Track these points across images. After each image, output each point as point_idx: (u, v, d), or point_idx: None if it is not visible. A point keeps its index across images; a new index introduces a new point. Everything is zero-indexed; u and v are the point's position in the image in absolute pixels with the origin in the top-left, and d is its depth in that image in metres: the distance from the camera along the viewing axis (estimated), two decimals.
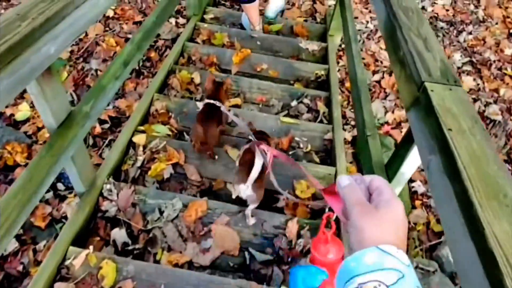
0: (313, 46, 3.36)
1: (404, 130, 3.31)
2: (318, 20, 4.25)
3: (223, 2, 4.33)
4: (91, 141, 3.03)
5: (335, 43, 3.51)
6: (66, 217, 2.18)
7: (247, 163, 1.72)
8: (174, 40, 3.84)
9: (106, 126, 3.14)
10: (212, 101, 2.07)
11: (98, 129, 3.05)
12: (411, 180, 2.86)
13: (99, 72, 3.64)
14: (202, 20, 3.68)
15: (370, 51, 4.06)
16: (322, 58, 3.32)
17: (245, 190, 1.69)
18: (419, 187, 2.87)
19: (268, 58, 3.06)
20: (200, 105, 2.16)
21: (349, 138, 3.21)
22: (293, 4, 4.38)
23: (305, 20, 4.22)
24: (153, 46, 3.84)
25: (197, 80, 2.74)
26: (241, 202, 1.82)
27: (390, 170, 1.45)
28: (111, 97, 1.79)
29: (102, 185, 1.85)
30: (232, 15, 3.73)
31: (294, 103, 2.67)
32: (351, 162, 3.00)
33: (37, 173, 1.28)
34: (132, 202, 1.81)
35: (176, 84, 2.68)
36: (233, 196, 1.79)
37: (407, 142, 1.34)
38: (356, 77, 2.06)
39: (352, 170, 3.00)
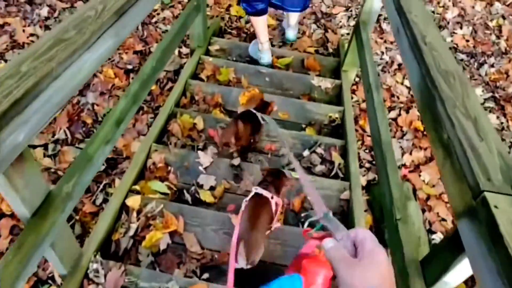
0: (326, 83, 3.14)
1: (424, 174, 3.08)
2: (330, 50, 4.05)
3: (229, 30, 4.12)
4: None
5: (349, 79, 3.30)
6: None
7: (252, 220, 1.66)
8: (177, 72, 3.65)
9: (102, 168, 2.92)
10: (255, 112, 2.28)
11: None
12: None
13: (95, 107, 3.43)
14: (207, 52, 3.47)
15: (386, 85, 3.84)
16: (336, 97, 3.10)
17: (243, 263, 1.58)
18: None
19: (278, 97, 2.84)
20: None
21: (363, 183, 2.97)
22: (303, 33, 4.18)
23: (316, 51, 4.02)
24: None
25: (200, 125, 2.53)
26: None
27: (428, 273, 1.21)
28: (100, 165, 1.56)
29: (88, 265, 1.61)
30: (239, 46, 3.53)
31: (306, 153, 2.45)
32: (365, 211, 2.76)
33: (4, 282, 1.05)
34: (122, 285, 1.58)
35: (177, 130, 2.47)
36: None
37: (453, 247, 1.10)
38: (380, 138, 1.83)
39: (368, 220, 2.76)
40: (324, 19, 4.34)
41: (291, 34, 3.95)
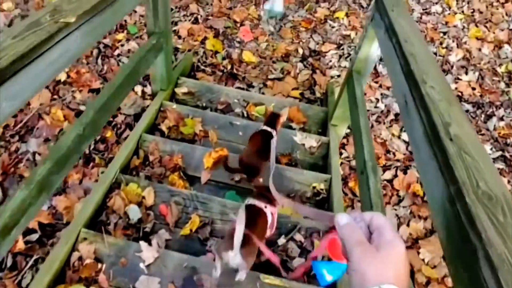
0: (311, 141, 2.68)
1: (424, 252, 2.65)
2: (318, 94, 3.62)
3: (203, 67, 3.66)
4: (9, 262, 2.31)
5: (338, 136, 2.85)
6: None
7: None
8: (137, 116, 3.16)
9: (34, 237, 2.41)
10: (269, 129, 2.26)
11: (21, 244, 2.33)
12: None
13: (37, 157, 2.92)
14: (173, 94, 3.00)
15: (380, 139, 3.40)
16: (322, 158, 2.64)
17: (233, 258, 1.54)
18: None
19: None
20: None
21: None
22: (288, 73, 3.75)
23: (302, 94, 3.59)
24: (110, 122, 3.14)
25: (150, 200, 2.03)
26: None
27: None
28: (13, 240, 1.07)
29: None
30: (210, 89, 3.07)
31: (281, 240, 1.96)
32: None
33: None
34: None
35: (119, 206, 1.96)
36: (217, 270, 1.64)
37: None
38: (371, 205, 1.35)
39: None
40: (312, 58, 3.92)
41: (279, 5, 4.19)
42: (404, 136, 3.47)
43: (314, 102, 3.59)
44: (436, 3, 4.47)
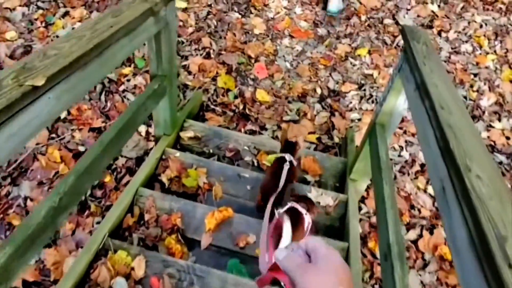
0: (327, 199, 2.43)
1: None
2: (336, 139, 3.37)
3: (213, 107, 3.46)
4: None
5: (358, 192, 2.59)
6: None
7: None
8: (139, 160, 2.96)
9: None
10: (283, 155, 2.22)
11: None
12: None
13: (29, 202, 2.73)
14: (178, 139, 2.79)
15: (404, 192, 3.13)
16: (339, 220, 2.38)
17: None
18: None
19: (259, 222, 2.11)
20: None
21: None
22: (305, 115, 3.51)
23: (319, 139, 3.35)
24: (109, 166, 2.94)
25: (140, 271, 1.79)
26: None
27: None
28: None
29: None
30: (219, 134, 2.85)
31: None
32: None
33: None
34: None
35: (104, 278, 1.73)
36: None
37: None
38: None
39: None
40: (331, 98, 3.69)
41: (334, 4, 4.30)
42: (430, 190, 3.19)
43: (331, 148, 3.35)
44: (466, 42, 4.22)
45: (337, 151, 3.33)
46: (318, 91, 3.77)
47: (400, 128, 3.56)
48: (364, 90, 3.79)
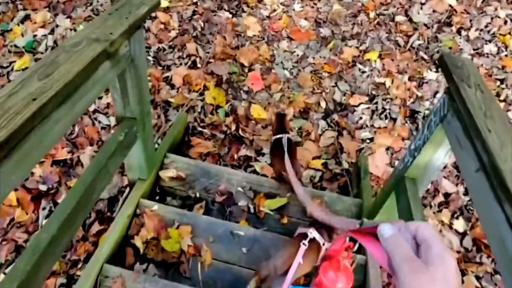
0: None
1: None
2: (345, 164, 2.92)
3: (200, 129, 2.98)
4: None
5: None
6: None
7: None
8: (113, 202, 2.51)
9: None
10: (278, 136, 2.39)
11: None
12: None
13: None
14: (157, 180, 2.32)
15: None
16: None
17: None
18: None
19: None
20: None
21: None
22: (308, 134, 3.04)
23: (325, 165, 2.89)
24: None
25: None
26: None
27: None
28: None
29: None
30: (207, 172, 2.39)
31: None
32: None
33: None
34: None
35: None
36: None
37: None
38: None
39: None
40: (338, 114, 3.22)
41: None
42: (458, 225, 2.76)
43: (340, 176, 2.90)
44: (490, 41, 3.74)
45: (347, 180, 2.86)
46: (323, 104, 3.28)
47: None
48: (376, 103, 3.31)
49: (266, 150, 3.01)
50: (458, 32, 3.85)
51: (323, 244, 1.75)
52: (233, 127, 3.07)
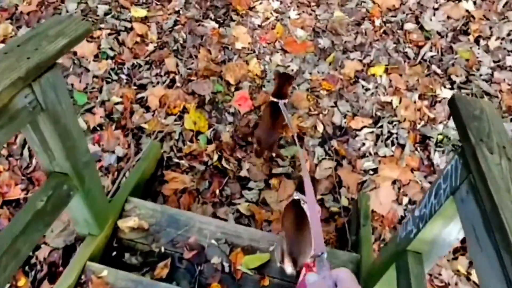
0: None
1: None
2: (344, 201, 2.57)
3: (176, 160, 2.62)
4: None
5: None
6: None
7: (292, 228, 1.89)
8: (68, 250, 2.18)
9: None
10: (275, 100, 2.49)
11: None
12: None
13: None
14: (114, 232, 1.97)
15: (440, 281, 2.33)
16: None
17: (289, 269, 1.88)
18: None
19: None
20: None
21: None
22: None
23: (320, 201, 2.54)
24: (27, 262, 2.14)
25: None
26: None
27: None
28: None
29: None
30: (175, 221, 2.05)
31: None
32: None
33: None
34: None
35: None
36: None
37: None
38: None
39: None
40: (337, 139, 2.84)
41: None
42: (475, 276, 2.36)
43: (337, 216, 2.52)
44: None
45: (346, 223, 2.48)
46: (320, 128, 2.91)
47: (431, 182, 2.68)
48: (381, 126, 2.93)
49: (252, 183, 2.64)
50: (476, 41, 3.43)
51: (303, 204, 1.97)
52: (215, 157, 2.71)
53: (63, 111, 1.32)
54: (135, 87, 2.98)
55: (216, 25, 3.36)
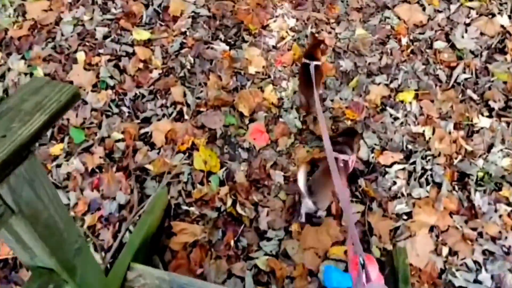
0: None
1: None
2: (376, 252, 2.32)
3: (186, 208, 2.33)
4: None
5: None
6: None
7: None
8: None
9: None
10: (307, 61, 2.68)
11: None
12: None
13: None
14: None
15: None
16: None
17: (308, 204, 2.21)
18: None
19: None
20: None
21: None
22: (327, 207, 2.36)
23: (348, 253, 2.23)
24: None
25: None
26: None
27: None
28: None
29: None
30: None
31: None
32: None
33: None
34: None
35: None
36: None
37: None
38: None
39: None
40: (365, 178, 2.54)
41: None
42: None
43: None
44: None
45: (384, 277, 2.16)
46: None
47: (473, 229, 2.39)
48: (414, 162, 2.63)
49: (271, 233, 2.35)
50: None
51: (349, 159, 2.32)
52: (229, 202, 2.42)
53: (45, 207, 1.03)
54: (138, 121, 2.69)
55: (227, 47, 3.07)
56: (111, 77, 2.83)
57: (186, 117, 2.74)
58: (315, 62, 2.65)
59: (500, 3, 3.43)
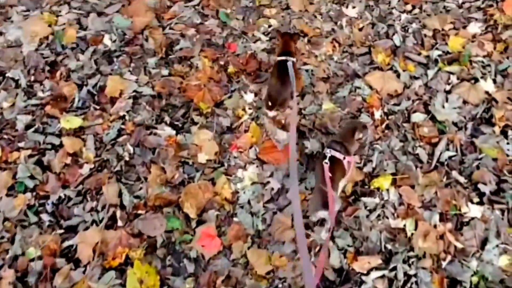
0: None
1: None
2: None
3: None
4: None
5: None
6: None
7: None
8: None
9: None
10: (283, 58, 2.66)
11: None
12: None
13: None
14: None
15: None
16: None
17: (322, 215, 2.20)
18: None
19: None
20: None
21: None
22: None
23: None
24: None
25: None
26: None
27: None
28: None
29: None
30: None
31: None
32: None
33: None
34: None
35: None
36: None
37: None
38: None
39: None
40: None
41: None
42: None
43: None
44: None
45: None
46: None
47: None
48: (395, 268, 2.20)
49: None
50: (503, 132, 2.78)
51: (344, 159, 2.30)
52: None
53: None
54: (62, 231, 2.28)
55: (173, 132, 2.70)
56: (31, 176, 2.43)
57: (120, 223, 2.32)
58: (292, 59, 2.67)
59: (483, 66, 3.11)
